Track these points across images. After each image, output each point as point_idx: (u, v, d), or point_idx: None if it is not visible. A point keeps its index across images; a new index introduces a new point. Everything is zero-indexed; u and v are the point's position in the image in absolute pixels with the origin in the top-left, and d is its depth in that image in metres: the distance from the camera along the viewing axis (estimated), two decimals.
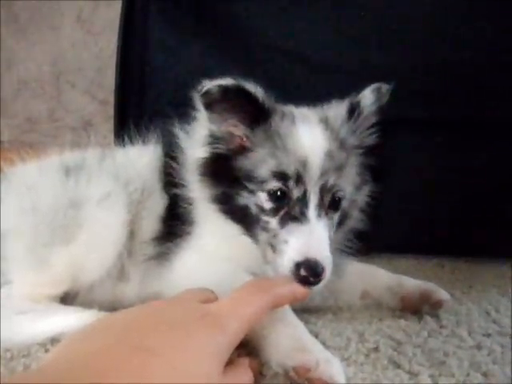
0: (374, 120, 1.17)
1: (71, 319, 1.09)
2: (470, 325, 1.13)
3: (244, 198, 1.10)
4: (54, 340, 1.06)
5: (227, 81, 1.06)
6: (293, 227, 1.02)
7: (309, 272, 0.95)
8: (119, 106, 1.99)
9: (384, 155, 1.49)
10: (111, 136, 1.96)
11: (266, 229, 1.07)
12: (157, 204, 1.24)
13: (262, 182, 1.07)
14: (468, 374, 0.90)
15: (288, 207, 1.05)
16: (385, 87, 1.15)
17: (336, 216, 1.10)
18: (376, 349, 1.01)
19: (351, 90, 1.17)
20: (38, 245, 1.15)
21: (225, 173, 1.12)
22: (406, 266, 1.56)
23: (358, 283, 1.26)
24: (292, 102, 1.21)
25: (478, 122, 1.68)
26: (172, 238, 1.19)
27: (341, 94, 1.19)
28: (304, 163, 1.05)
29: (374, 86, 1.15)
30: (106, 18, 2.59)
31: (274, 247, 1.04)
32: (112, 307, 1.12)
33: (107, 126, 2.37)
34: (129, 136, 1.35)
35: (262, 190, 1.07)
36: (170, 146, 1.26)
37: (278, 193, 1.06)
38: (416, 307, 1.19)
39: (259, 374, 0.87)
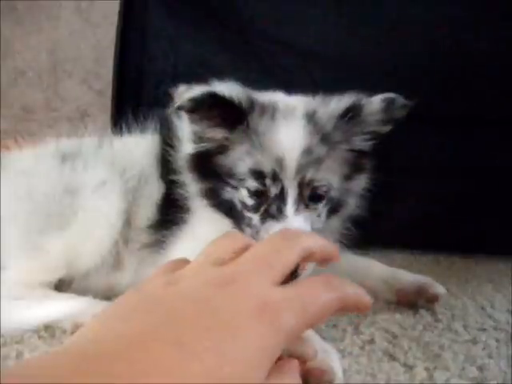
0: (375, 128, 1.12)
1: (65, 306, 1.08)
2: (465, 319, 1.13)
3: (229, 193, 1.10)
4: (48, 327, 1.06)
5: (198, 90, 1.04)
6: (271, 225, 1.02)
7: None
8: (117, 96, 1.98)
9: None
10: (108, 126, 1.95)
11: (249, 225, 1.07)
12: (153, 191, 1.23)
13: (241, 179, 1.07)
14: (463, 368, 0.90)
15: (267, 204, 1.05)
16: (400, 101, 1.09)
17: (320, 206, 1.09)
18: (371, 341, 1.01)
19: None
20: (33, 231, 1.14)
21: (209, 170, 1.12)
22: (401, 261, 1.55)
23: (353, 276, 1.24)
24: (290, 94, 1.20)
25: (478, 119, 1.67)
26: (168, 226, 1.19)
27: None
28: (280, 161, 1.03)
29: (388, 95, 1.09)
30: (104, 7, 2.58)
31: None
32: (107, 295, 1.12)
33: (104, 117, 2.36)
34: (126, 125, 1.35)
35: (243, 187, 1.07)
36: (168, 133, 1.25)
37: (259, 190, 1.05)
38: (412, 301, 1.19)
39: None
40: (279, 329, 0.62)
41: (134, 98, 1.93)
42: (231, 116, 1.08)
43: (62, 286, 1.19)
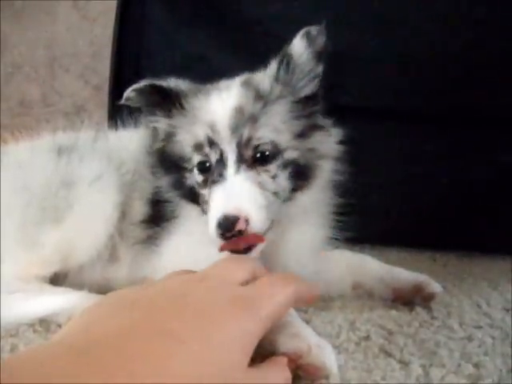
0: (310, 67, 1.11)
1: (60, 300, 1.08)
2: (461, 317, 1.13)
3: (189, 180, 1.11)
4: (43, 320, 1.06)
5: (140, 82, 1.12)
6: (213, 190, 1.00)
7: (221, 228, 0.93)
8: (114, 91, 1.97)
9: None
10: (104, 122, 1.94)
11: (204, 202, 1.06)
12: (146, 186, 1.23)
13: (190, 159, 1.09)
14: (459, 365, 0.90)
15: (212, 174, 1.04)
16: (314, 29, 1.08)
17: (273, 168, 1.05)
18: (367, 337, 1.00)
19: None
20: (29, 224, 1.14)
21: (168, 162, 1.14)
22: (397, 258, 1.56)
23: (349, 273, 1.25)
24: None
25: (475, 118, 1.68)
26: (159, 222, 1.19)
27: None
28: (212, 125, 1.04)
29: (302, 31, 1.10)
30: (101, 3, 2.57)
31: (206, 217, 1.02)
32: (102, 289, 1.12)
33: (100, 112, 2.36)
34: (121, 119, 1.35)
35: (194, 166, 1.08)
36: (153, 131, 1.26)
37: (207, 164, 1.06)
38: (408, 299, 1.18)
39: None
40: (257, 316, 0.69)
41: None
42: (169, 105, 1.13)
43: (57, 279, 1.19)
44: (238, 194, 0.98)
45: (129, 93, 1.13)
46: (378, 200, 1.61)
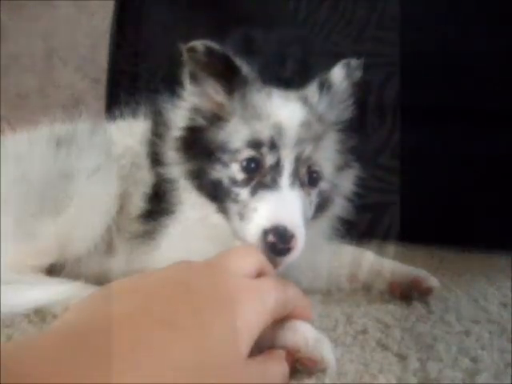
0: (347, 95, 1.14)
1: (56, 291, 1.08)
2: (458, 311, 1.12)
3: (217, 172, 1.07)
4: (38, 311, 1.05)
5: (214, 44, 1.06)
6: (263, 194, 0.98)
7: (277, 238, 0.91)
8: (112, 83, 1.97)
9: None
10: (102, 115, 1.94)
11: (236, 200, 1.03)
12: (144, 181, 1.22)
13: (236, 151, 1.04)
14: (456, 359, 0.89)
15: (260, 176, 1.01)
16: (354, 62, 1.14)
17: (313, 194, 1.06)
18: (364, 331, 1.00)
19: None
20: (26, 215, 1.14)
21: (199, 146, 1.10)
22: (395, 253, 1.55)
23: (347, 266, 1.25)
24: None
25: (473, 112, 1.68)
26: (157, 217, 1.18)
27: None
28: (279, 129, 1.02)
29: (343, 61, 1.14)
30: None
31: (242, 216, 1.00)
32: (99, 281, 1.11)
33: (98, 105, 2.36)
34: (120, 111, 1.34)
35: (235, 161, 1.04)
36: (157, 122, 1.25)
37: (252, 164, 1.02)
38: (405, 293, 1.18)
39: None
40: (260, 307, 0.69)
41: (130, 86, 1.92)
42: (232, 84, 1.08)
43: (54, 271, 1.19)
44: (295, 210, 0.97)
45: (199, 44, 1.05)
46: (376, 196, 1.61)
